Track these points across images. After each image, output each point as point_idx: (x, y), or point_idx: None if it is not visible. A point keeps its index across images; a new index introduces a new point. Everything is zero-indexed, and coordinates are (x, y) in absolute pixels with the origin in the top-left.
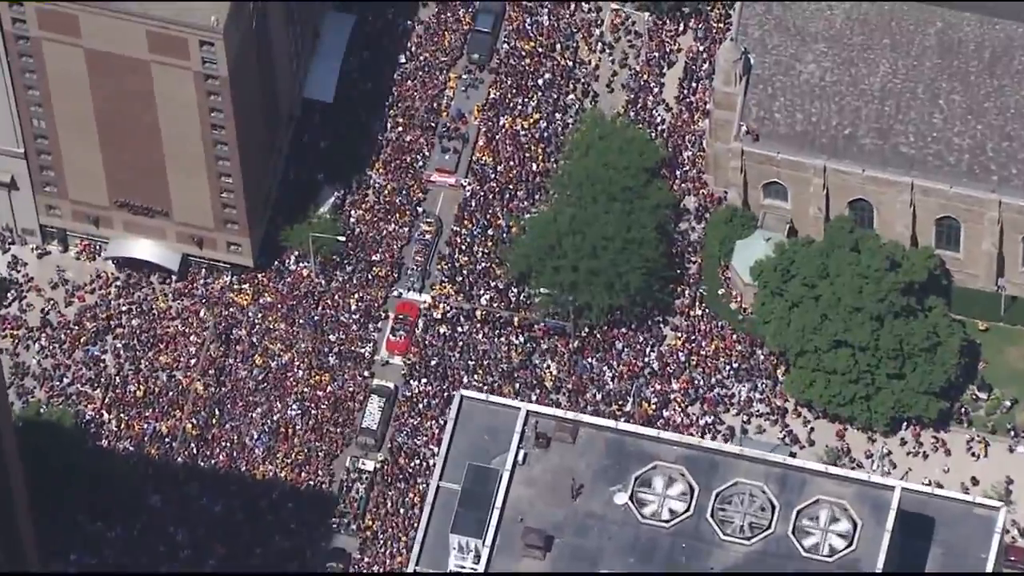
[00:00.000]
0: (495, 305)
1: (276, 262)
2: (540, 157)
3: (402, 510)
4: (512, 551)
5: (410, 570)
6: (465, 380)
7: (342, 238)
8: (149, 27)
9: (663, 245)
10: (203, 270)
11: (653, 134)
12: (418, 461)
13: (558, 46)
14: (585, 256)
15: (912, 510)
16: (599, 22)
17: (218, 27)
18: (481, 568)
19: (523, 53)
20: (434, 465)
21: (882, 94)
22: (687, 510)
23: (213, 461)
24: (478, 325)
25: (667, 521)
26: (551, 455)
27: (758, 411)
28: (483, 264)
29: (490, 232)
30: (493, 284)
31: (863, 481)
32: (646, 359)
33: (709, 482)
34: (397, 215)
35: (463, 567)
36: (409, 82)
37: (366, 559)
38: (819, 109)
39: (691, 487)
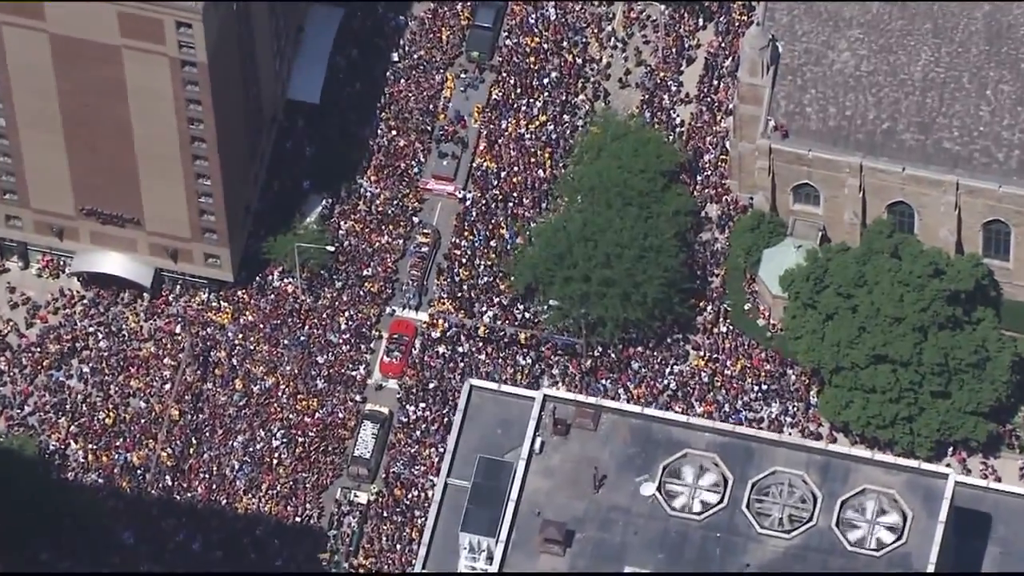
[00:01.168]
0: (499, 322)
1: (258, 278)
2: (547, 162)
3: (399, 546)
4: (529, 548)
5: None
6: None
7: (331, 248)
8: (121, 8)
9: (683, 254)
10: (178, 286)
11: (671, 137)
12: (416, 492)
13: (566, 42)
14: (598, 265)
15: (967, 506)
16: (610, 16)
17: (196, 6)
18: (494, 569)
19: (527, 50)
20: (434, 491)
21: (924, 84)
22: (720, 502)
23: (190, 494)
24: (481, 344)
25: (699, 514)
26: (571, 443)
27: (789, 436)
28: (485, 278)
29: (493, 244)
30: (497, 300)
31: (914, 469)
32: (665, 380)
33: (744, 471)
34: (391, 226)
35: (474, 568)
36: (403, 82)
37: None
38: (854, 102)
39: (724, 477)
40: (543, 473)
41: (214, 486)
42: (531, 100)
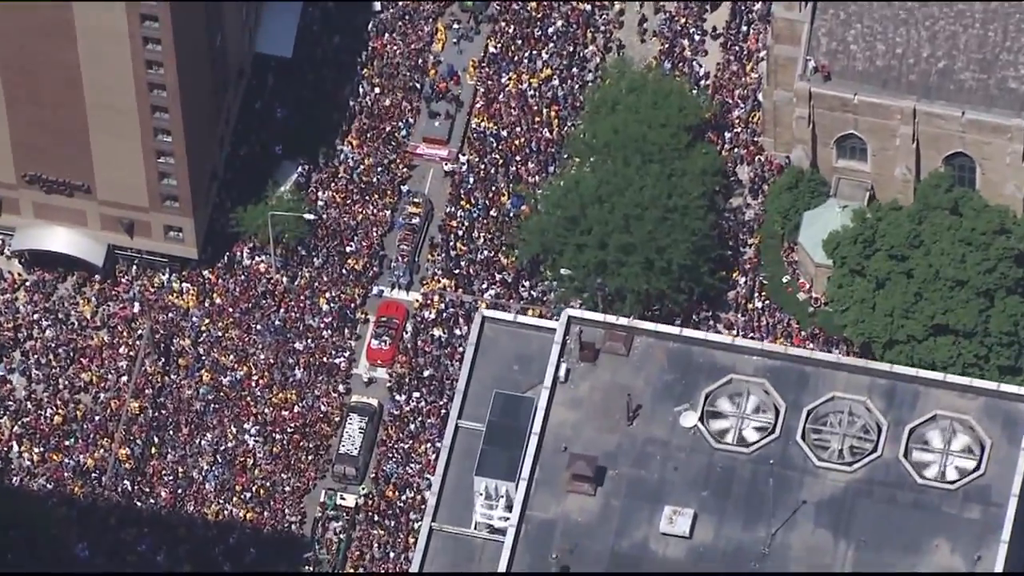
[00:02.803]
0: (502, 301)
1: (226, 255)
2: (553, 122)
3: (392, 554)
4: (554, 488)
5: (427, 527)
6: None
7: (311, 216)
8: None
9: (713, 217)
10: (134, 266)
11: (695, 90)
12: (411, 494)
13: None
14: (616, 229)
15: None
16: None
17: None
18: (515, 517)
19: None
20: (425, 494)
21: (985, 16)
22: (771, 432)
23: (153, 500)
24: None
25: (747, 446)
26: (600, 370)
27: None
28: (485, 252)
29: (493, 214)
30: (499, 276)
31: (991, 392)
32: None
33: (798, 398)
34: (376, 196)
35: (491, 517)
36: (387, 35)
37: None
38: (906, 37)
39: (776, 405)
40: (569, 404)
41: (180, 491)
42: (533, 53)
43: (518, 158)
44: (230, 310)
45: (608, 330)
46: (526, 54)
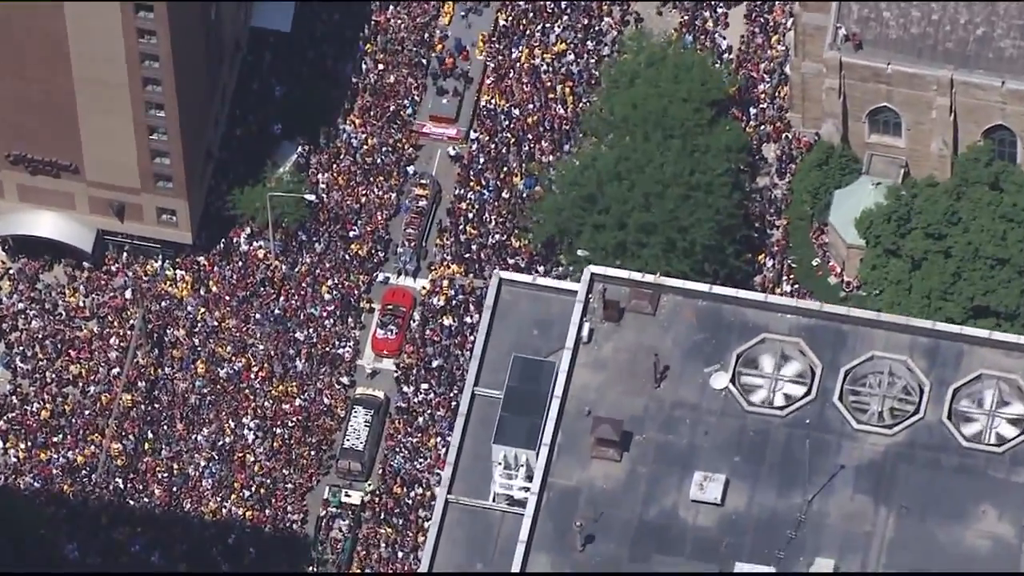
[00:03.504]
0: None
1: (222, 241)
2: (568, 99)
3: (400, 554)
4: (577, 454)
5: (442, 499)
6: None
7: (311, 197)
8: None
9: (738, 195)
10: (125, 253)
11: (718, 63)
12: (420, 490)
13: None
14: (635, 208)
15: None
16: None
17: None
18: (536, 484)
19: None
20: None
21: None
22: (808, 394)
23: (147, 498)
24: None
25: (781, 408)
26: (625, 330)
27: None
28: (497, 236)
29: (505, 196)
30: (512, 261)
31: None
32: None
33: (835, 358)
34: (380, 178)
35: (510, 488)
36: (391, 8)
37: None
38: (942, 3)
39: (811, 365)
40: (593, 366)
41: (175, 488)
42: (546, 26)
43: (531, 137)
44: (227, 298)
45: (633, 288)
46: (538, 27)
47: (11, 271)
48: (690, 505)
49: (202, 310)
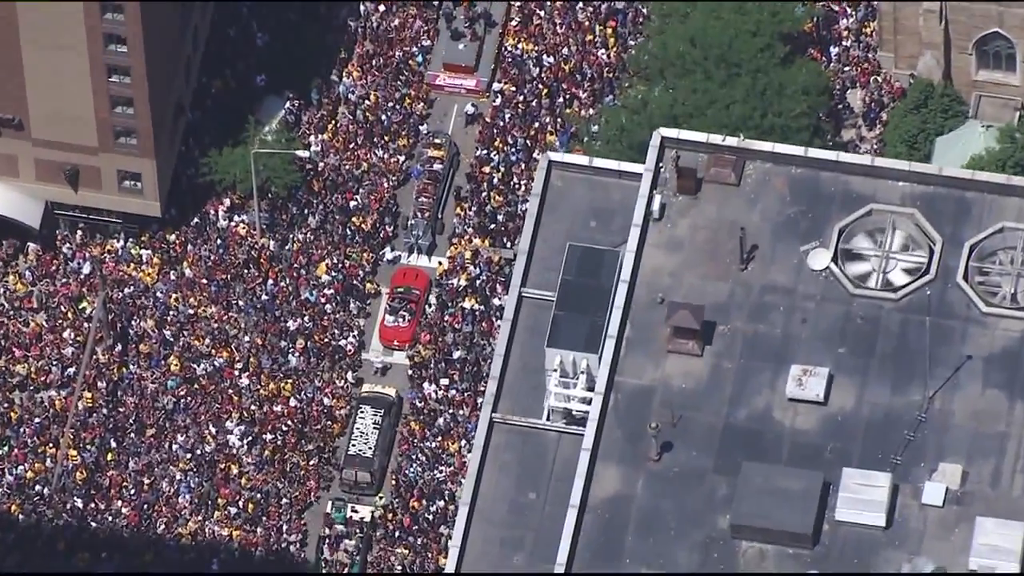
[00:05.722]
0: None
1: (197, 215)
2: (610, 41)
3: None
4: (650, 350)
5: (486, 419)
6: None
7: (306, 153)
8: None
9: (819, 144)
10: (79, 230)
11: None
12: (441, 503)
13: None
14: None
15: None
16: None
17: None
18: (601, 383)
19: None
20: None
21: None
22: (925, 274)
23: (111, 519)
24: None
25: (895, 291)
26: (704, 204)
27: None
28: (526, 204)
29: (536, 156)
30: None
31: None
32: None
33: (958, 231)
34: (386, 138)
35: (568, 399)
36: None
37: None
38: None
39: (930, 239)
40: (666, 246)
41: (145, 507)
42: None
43: (565, 87)
44: (204, 283)
45: (712, 154)
46: None
47: None
48: (787, 405)
49: (174, 297)
